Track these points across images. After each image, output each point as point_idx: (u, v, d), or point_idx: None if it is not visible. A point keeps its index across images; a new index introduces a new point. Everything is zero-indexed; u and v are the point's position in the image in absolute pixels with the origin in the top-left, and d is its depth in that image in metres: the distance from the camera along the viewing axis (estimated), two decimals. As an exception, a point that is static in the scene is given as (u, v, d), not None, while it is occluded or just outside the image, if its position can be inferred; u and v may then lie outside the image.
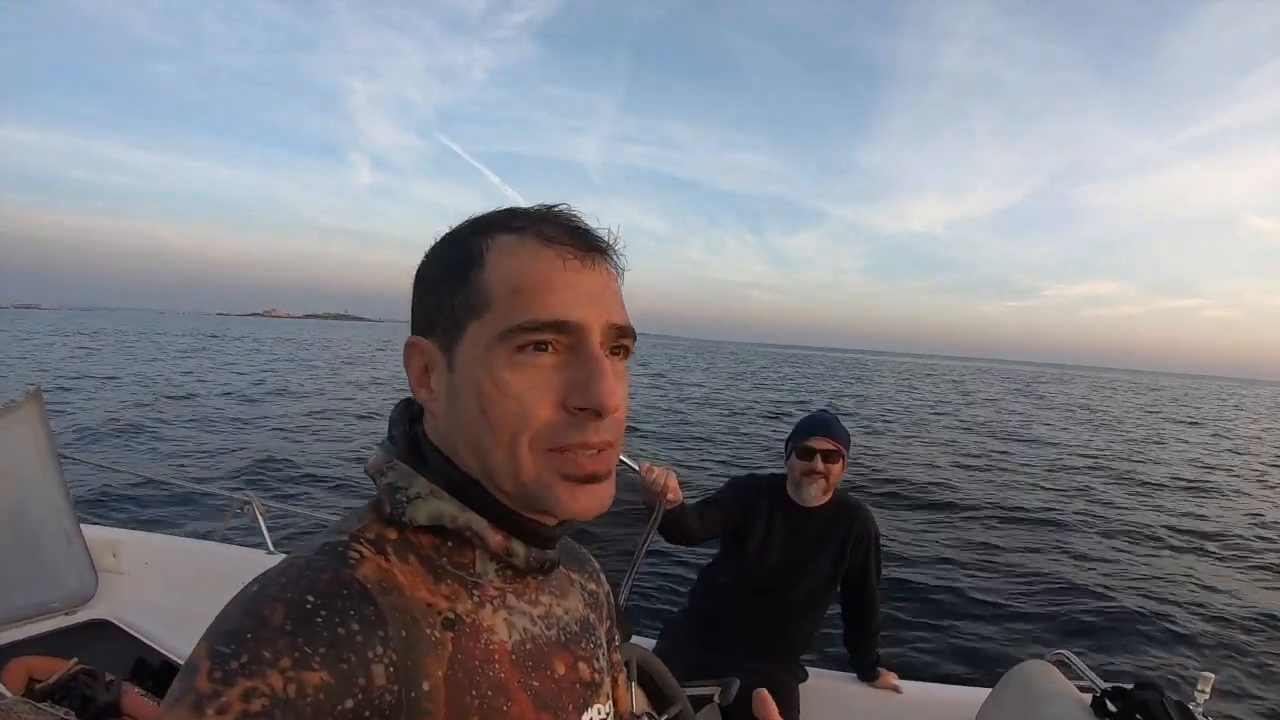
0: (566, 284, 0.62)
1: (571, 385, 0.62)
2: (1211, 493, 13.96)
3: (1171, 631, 6.51)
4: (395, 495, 0.64)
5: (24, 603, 2.60)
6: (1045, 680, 2.10)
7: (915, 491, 11.79)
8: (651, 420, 18.34)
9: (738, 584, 2.61)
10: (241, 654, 0.50)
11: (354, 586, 0.57)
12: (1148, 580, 8.20)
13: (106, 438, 12.26)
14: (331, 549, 0.60)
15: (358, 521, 0.64)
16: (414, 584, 0.62)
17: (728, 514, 2.57)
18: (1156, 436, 23.36)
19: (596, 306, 0.63)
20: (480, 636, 0.64)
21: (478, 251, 0.64)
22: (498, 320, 0.61)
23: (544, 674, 0.68)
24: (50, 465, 2.87)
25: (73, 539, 2.87)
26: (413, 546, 0.64)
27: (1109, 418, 30.17)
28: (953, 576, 7.58)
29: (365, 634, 0.55)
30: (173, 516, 7.36)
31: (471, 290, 0.63)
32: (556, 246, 0.63)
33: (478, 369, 0.62)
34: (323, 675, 0.51)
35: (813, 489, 2.53)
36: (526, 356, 0.61)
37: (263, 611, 0.52)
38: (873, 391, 36.52)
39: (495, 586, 0.67)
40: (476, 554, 0.66)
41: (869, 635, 2.73)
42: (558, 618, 0.74)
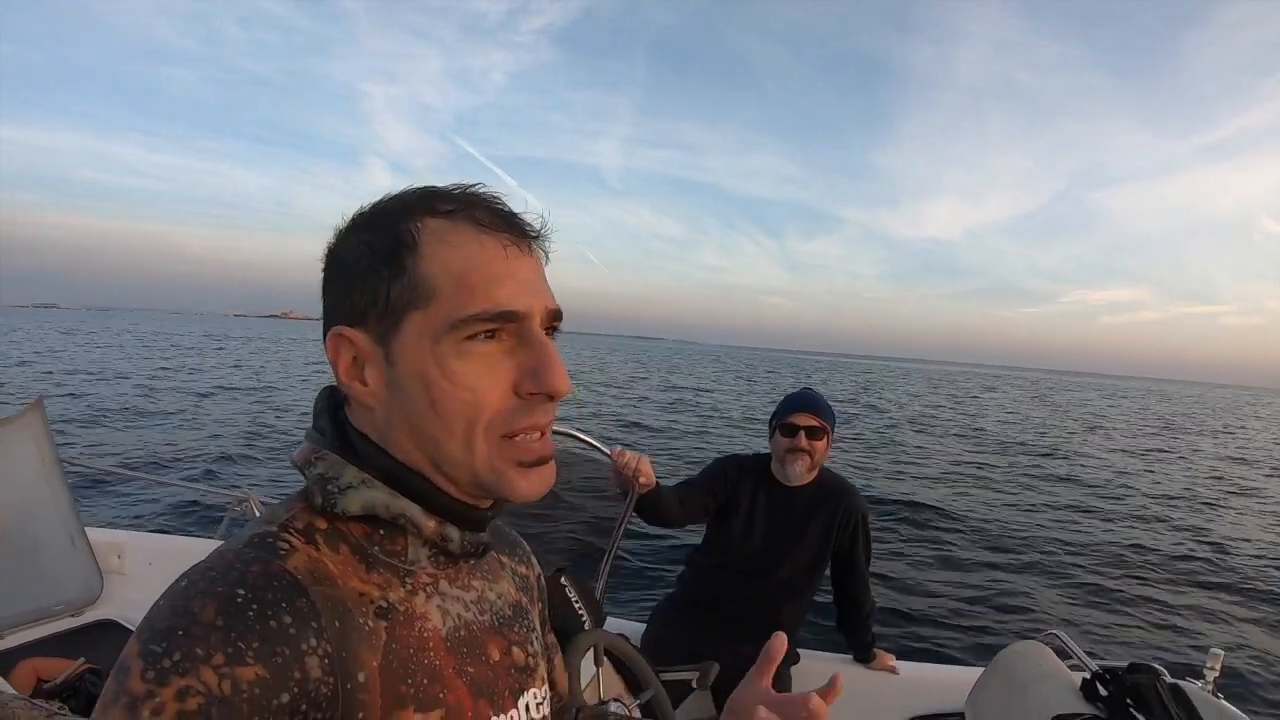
0: (509, 273, 0.63)
1: (522, 371, 0.63)
2: (1225, 489, 13.97)
3: (1180, 607, 6.54)
4: (326, 486, 0.63)
5: (31, 606, 2.64)
6: (1037, 661, 2.09)
7: (913, 482, 11.80)
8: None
9: (723, 566, 2.59)
10: (174, 652, 0.49)
11: (285, 578, 0.56)
12: (1152, 559, 8.22)
13: (109, 438, 12.30)
14: (261, 540, 0.59)
15: (286, 511, 0.63)
16: (346, 573, 0.61)
17: (710, 495, 2.56)
18: (1171, 446, 23.32)
19: (535, 293, 0.64)
20: (414, 624, 0.63)
21: (409, 238, 0.62)
22: (445, 312, 0.61)
23: (479, 660, 0.68)
24: (53, 471, 2.90)
25: (77, 542, 2.91)
26: (343, 536, 0.63)
27: (1123, 426, 30.06)
28: (948, 558, 7.61)
29: (298, 626, 0.54)
30: (175, 517, 7.41)
31: (410, 279, 0.62)
32: (494, 234, 0.63)
33: (425, 361, 0.61)
34: (257, 670, 0.51)
35: (797, 467, 2.50)
36: (475, 345, 0.62)
37: (193, 608, 0.52)
38: (886, 397, 36.43)
39: (428, 573, 0.67)
40: (408, 541, 0.66)
41: (861, 617, 2.71)
42: (490, 602, 0.74)
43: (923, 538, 8.31)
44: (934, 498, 10.65)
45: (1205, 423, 34.30)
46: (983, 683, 2.18)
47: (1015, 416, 28.90)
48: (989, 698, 2.11)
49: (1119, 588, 7.04)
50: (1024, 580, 7.07)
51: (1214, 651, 2.00)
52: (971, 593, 6.56)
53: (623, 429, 17.41)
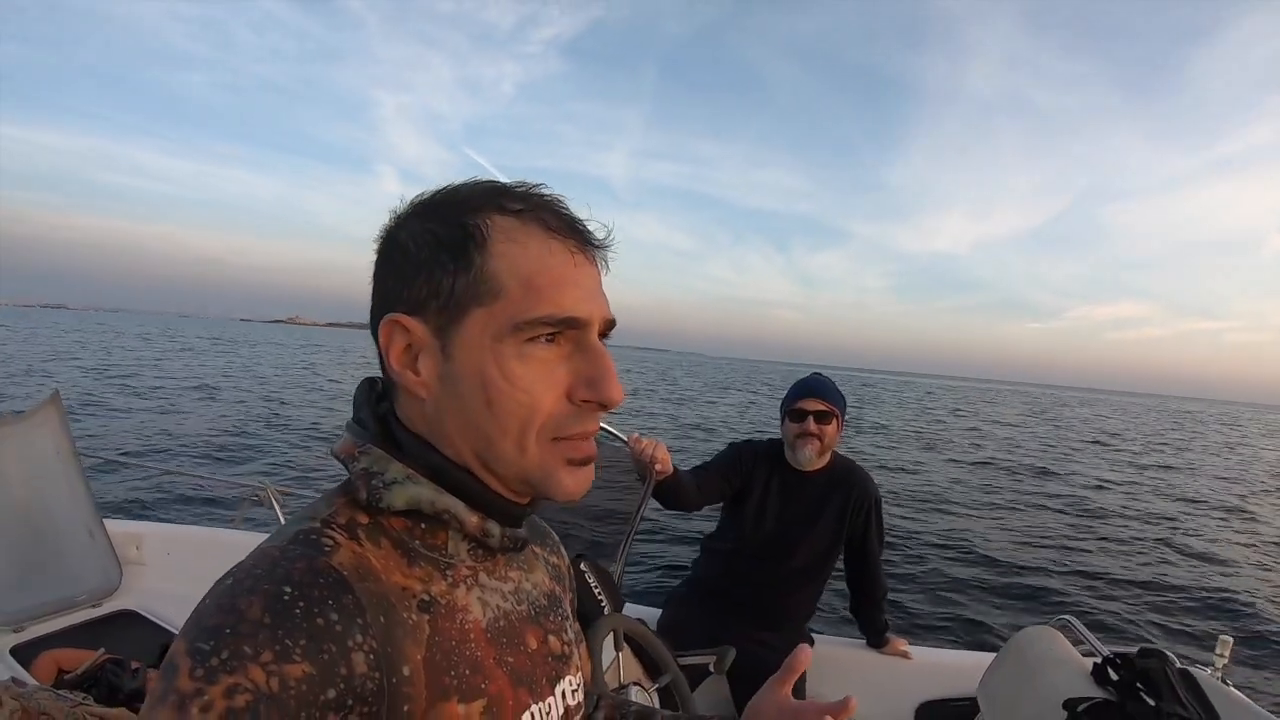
0: (576, 280, 0.63)
1: (578, 378, 0.63)
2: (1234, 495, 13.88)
3: (1190, 596, 6.52)
4: (371, 480, 0.63)
5: (51, 597, 2.68)
6: (1049, 646, 2.09)
7: (923, 468, 11.80)
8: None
9: (738, 551, 2.60)
10: (221, 650, 0.49)
11: (330, 574, 0.56)
12: (1164, 547, 8.20)
13: (125, 433, 12.41)
14: (304, 536, 0.59)
15: (328, 507, 0.63)
16: (388, 568, 0.61)
17: (725, 480, 2.57)
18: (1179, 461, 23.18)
19: (597, 302, 0.65)
20: (455, 617, 0.63)
21: (479, 233, 0.62)
22: (510, 311, 0.61)
23: (518, 649, 0.69)
24: (71, 464, 2.94)
25: (95, 534, 2.94)
26: (385, 530, 0.63)
27: (1128, 441, 29.90)
28: (964, 543, 7.61)
29: (344, 623, 0.54)
30: (192, 508, 7.48)
31: (477, 275, 0.61)
32: (562, 239, 0.63)
33: (484, 358, 0.61)
34: (304, 667, 0.51)
35: (807, 450, 2.51)
36: (535, 348, 0.62)
37: (239, 606, 0.51)
38: (893, 413, 36.33)
39: (467, 566, 0.67)
40: (449, 535, 0.66)
41: (875, 601, 2.71)
42: (526, 592, 0.74)
43: (934, 525, 8.31)
44: (946, 495, 10.65)
45: (1211, 437, 34.11)
46: (995, 667, 2.18)
47: (1021, 431, 28.79)
48: (1001, 682, 2.11)
49: (1130, 576, 7.03)
50: (1037, 568, 7.07)
51: (1223, 639, 2.00)
52: (985, 579, 6.56)
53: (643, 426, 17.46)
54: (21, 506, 2.74)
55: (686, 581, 2.79)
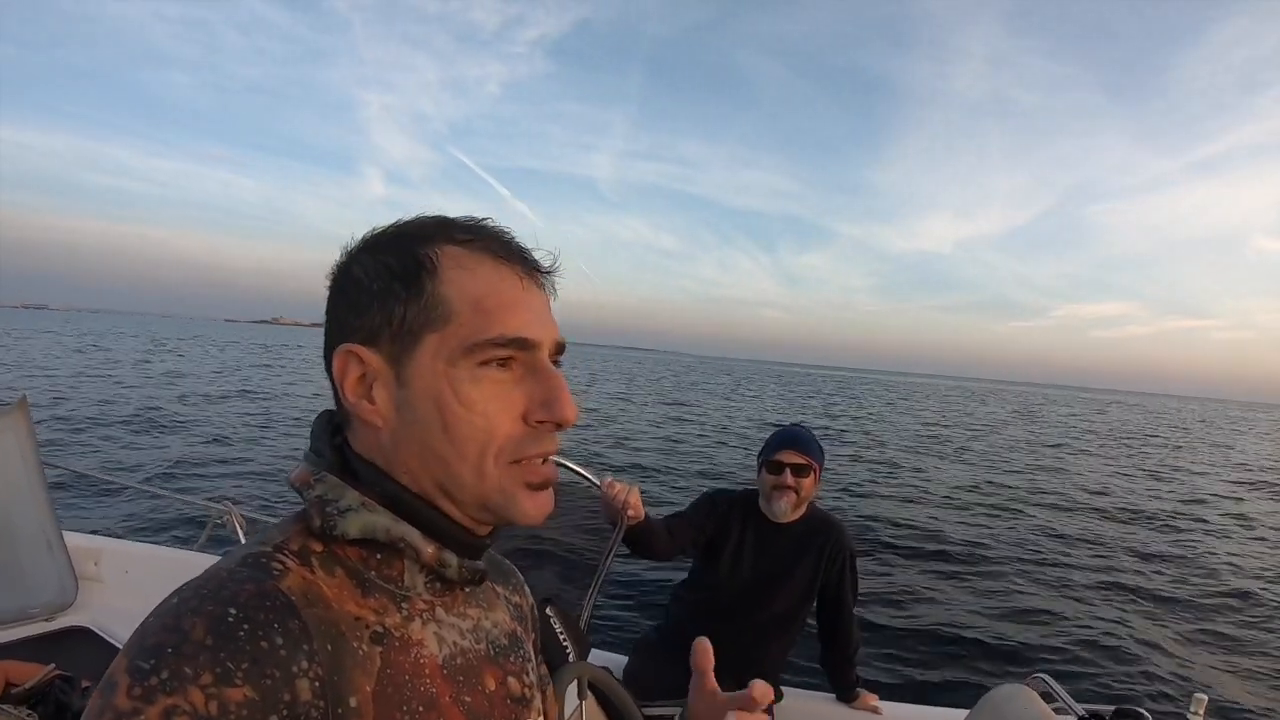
0: (525, 303, 0.65)
1: (532, 400, 0.64)
2: (1202, 518, 14.01)
3: (1163, 653, 6.52)
4: (325, 508, 0.63)
5: (4, 607, 2.60)
6: (1022, 704, 2.08)
7: (899, 517, 11.81)
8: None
9: (709, 601, 2.58)
10: (161, 670, 0.48)
11: (278, 598, 0.55)
12: (1138, 601, 8.21)
13: (90, 444, 12.20)
14: (255, 559, 0.58)
15: (281, 534, 0.63)
16: (340, 597, 0.60)
17: (698, 529, 2.55)
18: (1157, 462, 23.40)
19: (546, 325, 0.67)
20: (410, 650, 0.62)
21: (429, 261, 0.63)
22: (462, 334, 0.62)
23: (475, 689, 0.67)
24: (34, 472, 2.87)
25: (54, 546, 2.87)
26: (339, 559, 0.62)
27: (1113, 442, 30.18)
28: (933, 598, 7.59)
29: (289, 648, 0.53)
30: (154, 526, 7.33)
31: (428, 301, 0.62)
32: (510, 265, 0.66)
33: (439, 383, 0.62)
34: (245, 691, 0.50)
35: (783, 503, 2.50)
36: (488, 371, 0.63)
37: (183, 626, 0.51)
38: (870, 411, 36.50)
39: (424, 600, 0.66)
40: (405, 566, 0.65)
41: (847, 655, 2.69)
42: (486, 630, 0.73)
43: (906, 575, 8.29)
44: (919, 528, 10.65)
45: (1195, 436, 34.37)
46: None
47: (1005, 435, 28.90)
48: None
49: (1106, 630, 7.03)
50: (1009, 622, 7.06)
51: (1198, 696, 2.00)
52: (956, 633, 6.54)
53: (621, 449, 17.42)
54: (-22, 512, 2.67)
55: (655, 629, 2.77)
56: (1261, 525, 13.53)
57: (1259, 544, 11.92)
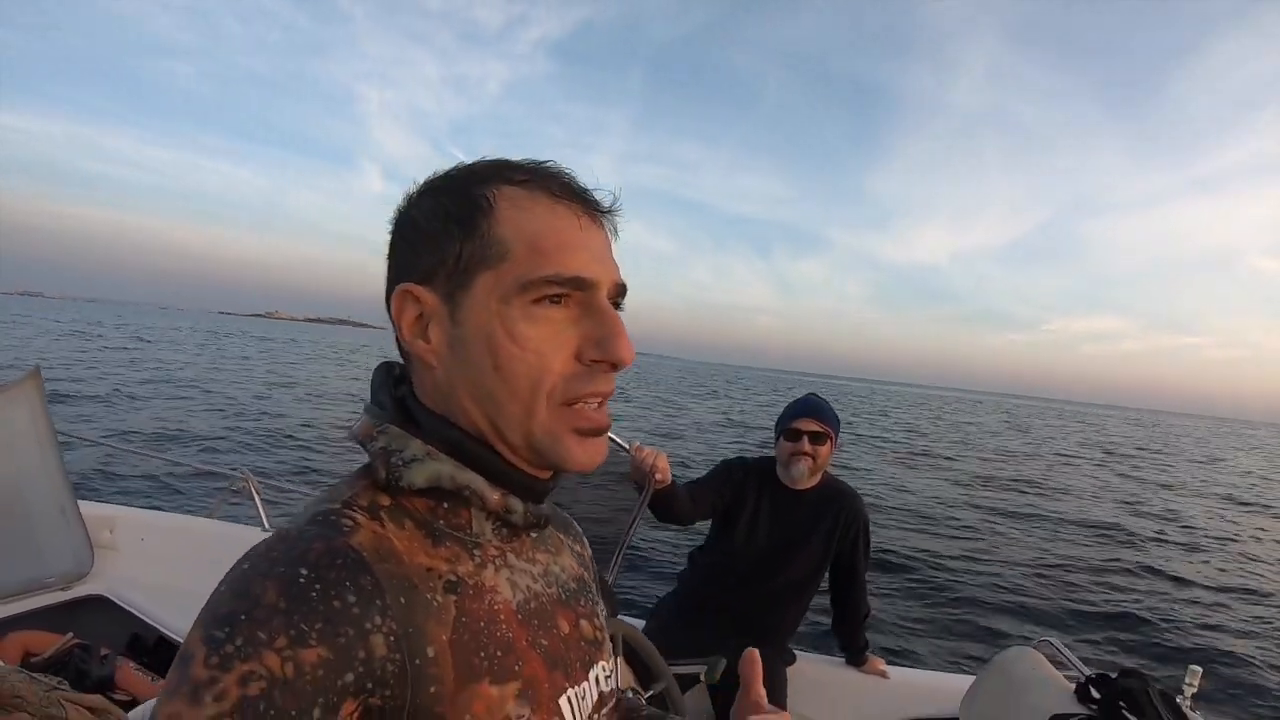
0: (583, 243, 0.63)
1: (587, 338, 0.63)
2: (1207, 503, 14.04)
3: (1161, 626, 6.57)
4: (390, 459, 0.63)
5: (21, 578, 2.62)
6: (1030, 666, 2.12)
7: (907, 492, 11.86)
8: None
9: (726, 566, 2.61)
10: (236, 637, 0.48)
11: (348, 555, 0.55)
12: (1140, 575, 8.26)
13: (106, 416, 12.28)
14: (324, 517, 0.58)
15: (349, 489, 0.63)
16: (411, 549, 0.60)
17: (717, 494, 2.58)
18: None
19: (605, 265, 0.65)
20: (484, 597, 0.63)
21: (485, 202, 0.63)
22: (517, 272, 0.61)
23: (550, 632, 0.68)
24: (48, 443, 2.88)
25: (69, 515, 2.88)
26: (407, 511, 0.63)
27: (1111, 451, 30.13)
28: (943, 564, 7.64)
29: (362, 605, 0.53)
30: (170, 494, 7.38)
31: (484, 240, 0.62)
32: (568, 204, 0.64)
33: (492, 320, 0.61)
34: (320, 651, 0.50)
35: (800, 467, 2.53)
36: (542, 309, 0.62)
37: (254, 590, 0.51)
38: (864, 417, 36.46)
39: (494, 546, 0.67)
40: (473, 514, 0.65)
41: (857, 620, 2.73)
42: (555, 575, 0.74)
43: (917, 546, 8.34)
44: (929, 507, 10.71)
45: (1185, 452, 34.57)
46: (977, 686, 2.20)
47: (1003, 442, 28.98)
48: (985, 701, 2.13)
49: (1104, 603, 7.09)
50: (1016, 592, 7.11)
51: (1193, 669, 2.04)
52: (965, 601, 6.60)
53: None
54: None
55: (672, 594, 2.80)
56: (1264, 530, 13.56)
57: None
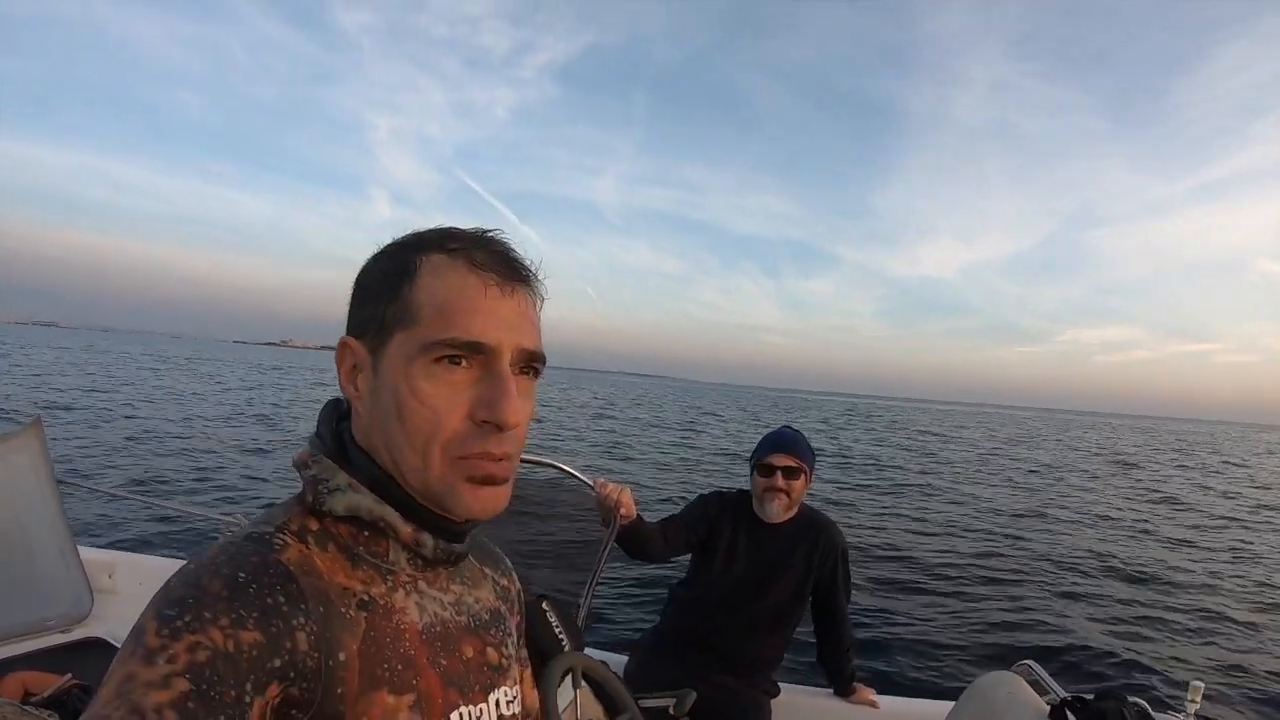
0: (487, 309, 0.70)
1: (479, 400, 0.69)
2: (1203, 517, 13.98)
3: (1161, 640, 6.53)
4: (318, 487, 0.72)
5: (21, 620, 2.66)
6: (1008, 690, 2.11)
7: (889, 516, 11.83)
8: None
9: (704, 598, 2.62)
10: (185, 614, 0.57)
11: (278, 568, 0.65)
12: (1137, 590, 8.21)
13: (105, 461, 12.29)
14: (259, 537, 0.68)
15: (283, 514, 0.72)
16: (332, 569, 0.69)
17: (691, 529, 2.60)
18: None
19: (511, 331, 0.71)
20: (392, 616, 0.71)
21: (411, 267, 0.71)
22: (422, 334, 0.68)
23: (452, 654, 0.76)
24: (49, 490, 2.94)
25: (69, 560, 2.93)
26: (332, 536, 0.71)
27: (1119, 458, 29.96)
28: (931, 588, 7.62)
29: (290, 605, 0.63)
30: (166, 540, 7.40)
31: (402, 302, 0.70)
32: (482, 273, 0.71)
33: (398, 376, 0.69)
34: (256, 635, 0.59)
35: (774, 505, 2.55)
36: (442, 369, 0.69)
37: (202, 582, 0.61)
38: (873, 435, 36.24)
39: (407, 574, 0.75)
40: (390, 544, 0.73)
41: (842, 650, 2.74)
42: (468, 605, 0.81)
43: (900, 568, 8.32)
44: (913, 530, 10.67)
45: (1205, 460, 34.20)
46: (955, 714, 2.19)
47: (1008, 458, 28.76)
48: None
49: (1100, 618, 7.05)
50: (1001, 610, 7.09)
51: (1194, 684, 2.02)
52: (950, 623, 6.57)
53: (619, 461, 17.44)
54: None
55: (654, 629, 2.81)
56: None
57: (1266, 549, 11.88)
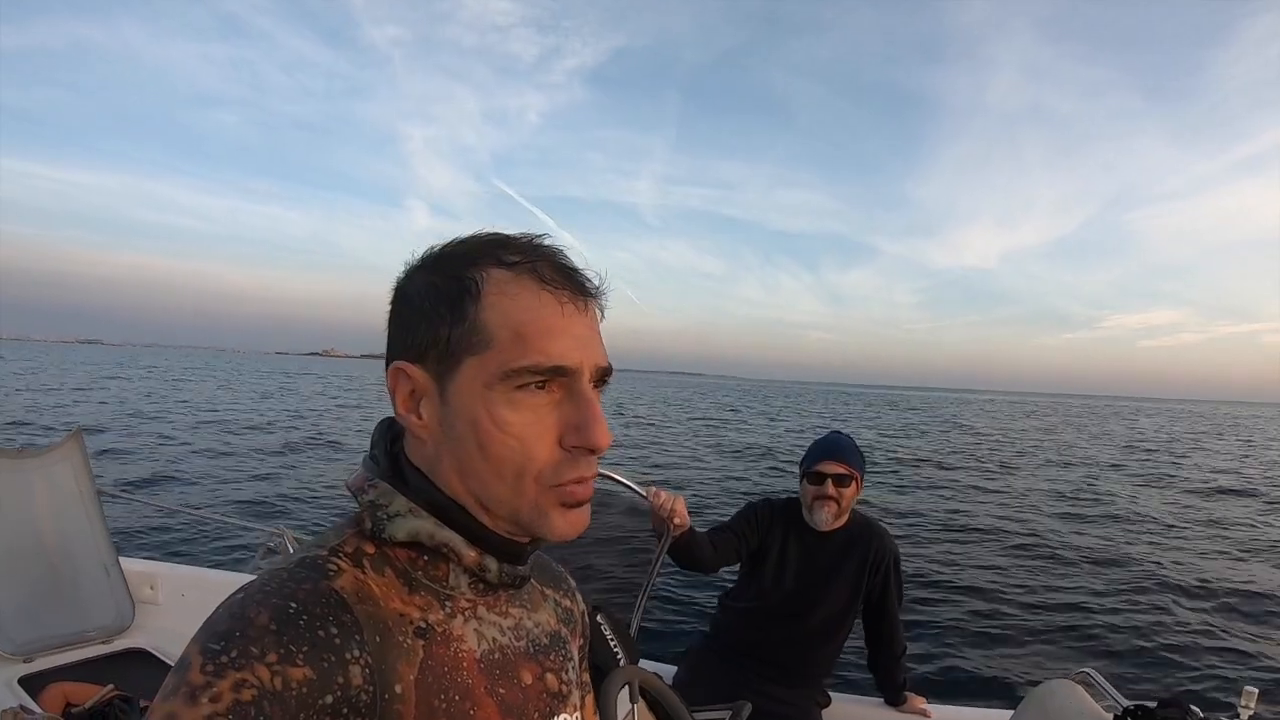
0: (565, 329, 0.65)
1: (568, 425, 0.65)
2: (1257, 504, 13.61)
3: (1214, 647, 6.34)
4: (376, 513, 0.67)
5: (63, 631, 2.68)
6: (1067, 699, 2.05)
7: (942, 517, 11.65)
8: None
9: (755, 609, 2.58)
10: (231, 650, 0.53)
11: (332, 596, 0.60)
12: (1191, 594, 8.00)
13: (148, 472, 12.50)
14: (311, 562, 0.63)
15: (336, 537, 0.67)
16: (388, 595, 0.65)
17: (742, 539, 2.56)
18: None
19: (588, 350, 0.66)
20: (450, 645, 0.66)
21: (474, 286, 0.65)
22: (500, 360, 0.63)
23: (510, 682, 0.71)
24: (90, 501, 2.96)
25: (111, 571, 2.95)
26: (389, 560, 0.67)
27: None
28: (984, 595, 7.47)
29: (343, 637, 0.58)
30: (209, 551, 7.48)
31: (470, 325, 0.64)
32: (554, 290, 0.66)
33: (476, 405, 0.64)
34: (305, 671, 0.55)
35: (824, 513, 2.50)
36: (525, 395, 0.64)
37: (249, 614, 0.56)
38: (920, 428, 35.91)
39: (467, 599, 0.70)
40: (450, 568, 0.69)
41: (893, 658, 2.67)
42: (527, 630, 0.76)
43: (954, 575, 8.18)
44: (966, 531, 10.51)
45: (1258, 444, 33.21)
46: None
47: (1060, 446, 28.20)
48: None
49: (1159, 624, 6.86)
50: (1060, 617, 6.93)
51: (1248, 689, 1.94)
52: (1006, 630, 6.44)
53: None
54: (39, 540, 2.76)
55: (704, 638, 2.77)
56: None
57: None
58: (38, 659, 2.55)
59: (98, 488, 3.03)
